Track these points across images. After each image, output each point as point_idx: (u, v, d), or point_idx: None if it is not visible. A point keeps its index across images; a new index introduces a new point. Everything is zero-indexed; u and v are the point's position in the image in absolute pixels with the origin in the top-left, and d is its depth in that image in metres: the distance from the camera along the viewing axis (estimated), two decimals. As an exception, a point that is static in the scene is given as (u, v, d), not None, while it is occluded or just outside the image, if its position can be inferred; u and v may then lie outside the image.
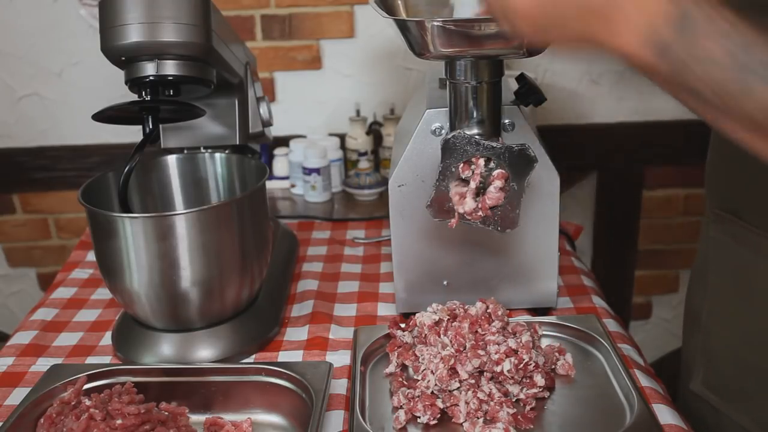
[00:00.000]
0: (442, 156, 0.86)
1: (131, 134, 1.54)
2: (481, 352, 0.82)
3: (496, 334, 0.84)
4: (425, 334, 0.87)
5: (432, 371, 0.82)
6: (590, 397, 0.84)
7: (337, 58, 1.63)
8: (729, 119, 0.51)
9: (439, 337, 0.85)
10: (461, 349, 0.84)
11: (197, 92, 1.00)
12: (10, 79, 1.64)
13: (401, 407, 0.81)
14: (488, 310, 0.88)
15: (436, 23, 0.80)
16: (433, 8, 0.99)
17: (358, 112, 1.58)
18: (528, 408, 0.82)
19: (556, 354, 0.88)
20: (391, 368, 0.89)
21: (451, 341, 0.84)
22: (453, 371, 0.82)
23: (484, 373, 0.83)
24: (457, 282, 1.01)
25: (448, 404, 0.81)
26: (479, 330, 0.85)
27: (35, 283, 1.85)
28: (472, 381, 0.82)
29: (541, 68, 1.63)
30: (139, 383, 0.84)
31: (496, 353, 0.82)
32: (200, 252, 0.89)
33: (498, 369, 0.81)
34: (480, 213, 0.85)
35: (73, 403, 0.80)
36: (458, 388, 0.82)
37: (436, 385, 0.82)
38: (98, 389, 0.83)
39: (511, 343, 0.83)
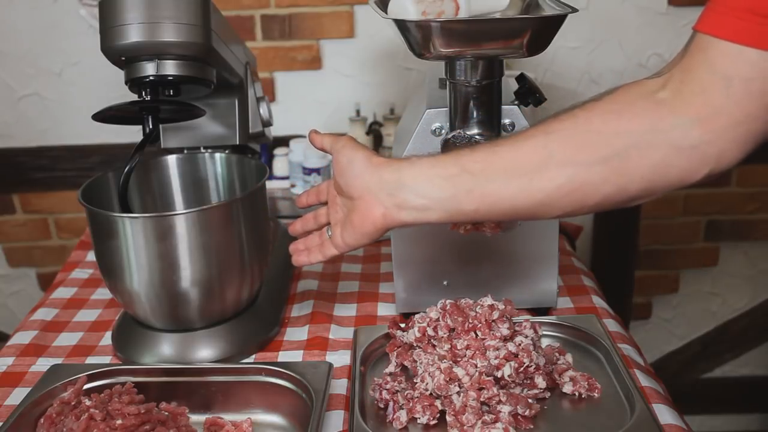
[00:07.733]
0: (442, 156, 0.86)
1: (131, 134, 1.54)
2: (482, 363, 0.81)
3: (497, 339, 0.83)
4: (419, 346, 0.86)
5: (430, 375, 0.82)
6: (590, 397, 0.84)
7: (337, 58, 1.63)
8: None
9: (435, 349, 0.84)
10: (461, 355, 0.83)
11: (197, 92, 1.00)
12: (10, 79, 1.64)
13: (401, 407, 0.81)
14: (505, 311, 0.85)
15: (435, 23, 0.80)
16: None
17: (358, 112, 1.58)
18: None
19: (556, 354, 0.88)
20: (391, 368, 0.89)
21: (448, 352, 0.83)
22: (452, 378, 0.82)
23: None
24: (457, 282, 1.01)
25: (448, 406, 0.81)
26: (479, 333, 0.84)
27: (35, 283, 1.85)
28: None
29: (541, 68, 1.63)
30: (139, 383, 0.84)
31: (495, 358, 0.81)
32: (200, 252, 0.89)
33: (499, 374, 0.81)
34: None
35: (73, 403, 0.80)
36: (458, 391, 0.81)
37: (434, 390, 0.81)
38: (98, 389, 0.83)
39: (511, 346, 0.82)
